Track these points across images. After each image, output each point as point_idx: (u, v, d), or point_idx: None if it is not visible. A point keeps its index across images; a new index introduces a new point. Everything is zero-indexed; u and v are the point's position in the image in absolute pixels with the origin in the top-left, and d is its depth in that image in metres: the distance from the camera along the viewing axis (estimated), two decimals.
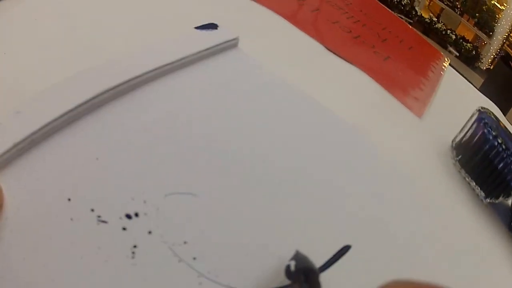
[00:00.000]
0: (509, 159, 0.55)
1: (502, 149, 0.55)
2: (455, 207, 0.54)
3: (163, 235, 0.28)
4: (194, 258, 0.28)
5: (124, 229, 0.27)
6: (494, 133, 0.55)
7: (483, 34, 5.71)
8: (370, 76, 0.64)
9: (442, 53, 0.97)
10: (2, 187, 0.26)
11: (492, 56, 5.49)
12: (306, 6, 0.79)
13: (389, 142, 0.55)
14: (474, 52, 5.21)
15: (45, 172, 0.29)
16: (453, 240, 0.49)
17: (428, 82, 0.74)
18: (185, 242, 0.28)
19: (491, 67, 5.10)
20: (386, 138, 0.55)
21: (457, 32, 5.26)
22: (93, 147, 0.31)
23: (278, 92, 0.49)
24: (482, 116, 0.58)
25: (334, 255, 0.33)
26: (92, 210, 0.27)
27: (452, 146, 0.61)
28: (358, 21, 0.84)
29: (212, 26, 0.50)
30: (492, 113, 0.61)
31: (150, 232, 0.28)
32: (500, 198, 0.57)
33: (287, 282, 0.28)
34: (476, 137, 0.57)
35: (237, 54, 0.50)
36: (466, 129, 0.60)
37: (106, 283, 0.25)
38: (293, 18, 0.69)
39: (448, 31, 5.03)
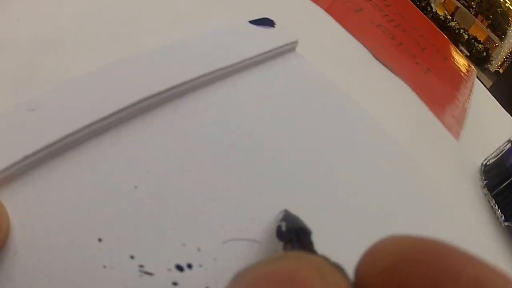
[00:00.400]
0: None
1: None
2: (474, 225, 0.56)
3: None
4: None
5: (175, 284, 0.22)
6: None
7: (495, 36, 5.69)
8: (412, 89, 0.65)
9: (471, 64, 0.98)
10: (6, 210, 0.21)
11: (502, 59, 5.48)
12: (349, 4, 0.79)
13: (427, 163, 0.56)
14: (484, 54, 5.20)
15: (66, 198, 0.23)
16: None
17: (461, 97, 0.75)
18: None
19: (501, 70, 5.09)
20: (422, 156, 0.57)
21: (469, 32, 5.24)
22: (131, 171, 0.25)
23: (340, 105, 0.46)
24: None
25: None
26: (132, 257, 0.22)
27: (481, 169, 0.64)
28: (399, 25, 0.84)
29: (269, 23, 0.45)
30: None
31: None
32: None
33: (279, 243, 0.25)
34: (508, 165, 0.59)
35: (296, 59, 0.46)
36: (498, 155, 0.62)
37: None
38: (338, 16, 0.70)
39: (461, 31, 5.01)
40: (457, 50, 1.02)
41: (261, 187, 0.29)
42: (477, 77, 0.94)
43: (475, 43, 5.14)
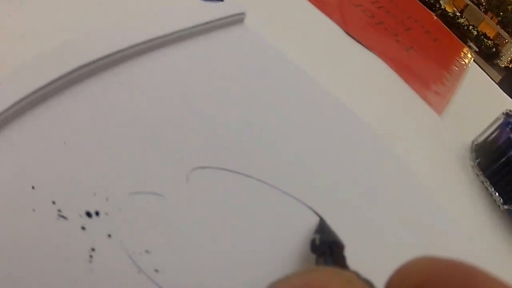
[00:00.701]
0: None
1: None
2: (470, 211, 0.51)
3: (123, 240, 0.24)
4: (156, 271, 0.24)
5: (83, 228, 0.24)
6: None
7: (505, 33, 5.64)
8: (390, 66, 0.60)
9: (468, 49, 0.93)
10: None
11: None
12: None
13: (404, 137, 0.51)
14: (494, 50, 5.14)
15: (11, 155, 0.26)
16: (465, 244, 0.45)
17: (451, 77, 0.70)
18: (146, 251, 0.25)
19: (510, 65, 5.04)
20: (401, 133, 0.52)
21: (479, 29, 5.18)
22: (62, 129, 0.28)
23: (282, 74, 0.45)
24: (510, 120, 0.54)
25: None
26: (54, 202, 0.24)
27: (471, 147, 0.57)
28: (382, 6, 0.79)
29: None
30: None
31: (109, 236, 0.24)
32: None
33: (312, 256, 0.27)
34: (501, 142, 0.53)
35: (241, 30, 0.46)
36: (489, 132, 0.56)
37: (60, 286, 0.22)
38: None
39: (470, 27, 4.95)
40: (452, 33, 0.97)
41: (176, 152, 0.31)
42: (485, 71, 0.93)
43: (484, 39, 5.07)
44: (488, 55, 5.00)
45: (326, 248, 0.27)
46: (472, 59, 0.89)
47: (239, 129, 0.35)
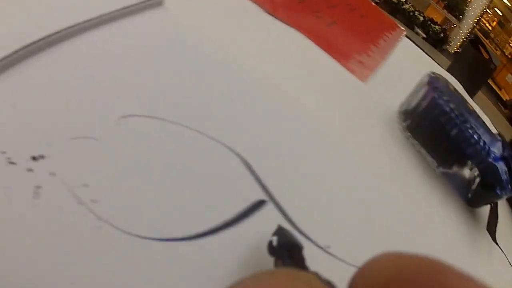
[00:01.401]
0: (463, 126, 0.50)
1: (455, 115, 0.50)
2: (406, 176, 0.50)
3: (64, 177, 0.28)
4: (94, 201, 0.28)
5: (29, 170, 0.27)
6: (445, 98, 0.50)
7: (453, 17, 5.77)
8: (310, 39, 0.59)
9: (398, 25, 0.93)
10: None
11: (461, 40, 5.54)
12: None
13: (327, 106, 0.50)
14: (442, 35, 5.24)
15: None
16: (405, 210, 0.45)
17: (378, 50, 0.69)
18: (85, 185, 0.28)
19: (460, 51, 5.16)
20: (324, 102, 0.50)
21: (425, 14, 5.28)
22: (10, 96, 0.31)
23: (201, 54, 0.45)
24: (432, 80, 0.53)
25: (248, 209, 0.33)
26: (4, 152, 0.28)
27: (399, 111, 0.56)
28: None
29: None
30: (445, 78, 0.56)
31: (53, 174, 0.28)
32: (454, 168, 0.53)
33: (269, 258, 0.28)
34: (426, 102, 0.52)
35: (160, 13, 0.46)
36: (414, 94, 0.55)
37: (9, 221, 0.25)
38: None
39: (416, 12, 5.04)
40: (381, 11, 0.97)
41: (107, 101, 0.35)
42: (433, 58, 0.93)
43: (431, 24, 5.16)
44: (436, 41, 5.09)
45: (284, 250, 0.27)
46: (404, 34, 0.89)
47: (160, 86, 0.39)
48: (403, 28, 0.92)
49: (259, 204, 0.34)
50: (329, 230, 0.36)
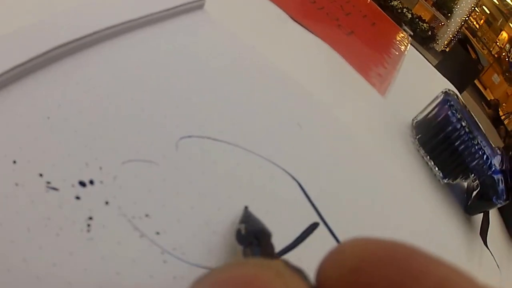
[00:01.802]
0: (470, 142, 0.54)
1: (465, 132, 0.54)
2: (413, 185, 0.53)
3: (122, 206, 0.25)
4: (157, 233, 0.25)
5: (77, 198, 0.24)
6: (458, 116, 0.55)
7: (441, 15, 5.79)
8: (334, 49, 0.62)
9: (401, 30, 0.96)
10: None
11: (448, 38, 5.58)
12: None
13: (350, 116, 0.53)
14: (430, 33, 5.26)
15: None
16: (408, 217, 0.48)
17: (391, 60, 0.73)
18: (146, 215, 0.26)
19: (447, 49, 5.18)
20: (347, 112, 0.54)
21: (413, 12, 5.29)
22: (43, 105, 0.28)
23: (247, 61, 0.47)
24: (448, 98, 0.57)
25: (303, 233, 0.33)
26: (41, 175, 0.24)
27: (412, 125, 0.60)
28: None
29: None
30: (458, 96, 0.60)
31: (107, 203, 0.25)
32: (458, 180, 0.57)
33: (238, 246, 0.26)
34: (440, 118, 0.56)
35: (202, 17, 0.47)
36: (429, 109, 0.59)
37: (58, 259, 0.22)
38: None
39: (404, 10, 5.05)
40: (387, 17, 1.00)
41: (156, 125, 0.32)
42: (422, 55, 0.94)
43: (420, 22, 5.19)
44: (423, 39, 5.12)
45: (253, 238, 0.26)
46: (409, 43, 0.92)
47: (214, 103, 0.38)
48: (404, 34, 0.95)
49: (313, 226, 0.34)
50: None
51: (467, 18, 5.97)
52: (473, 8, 6.07)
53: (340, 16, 0.75)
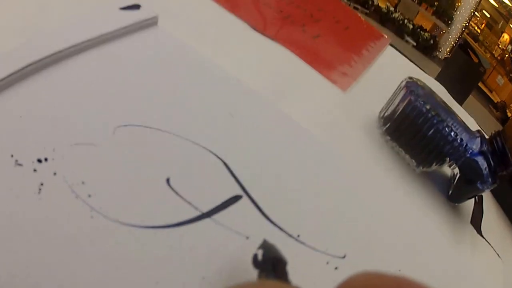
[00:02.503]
0: (440, 125, 0.53)
1: (431, 115, 0.53)
2: (385, 176, 0.53)
3: (65, 176, 0.33)
4: (89, 196, 0.33)
5: (35, 170, 0.32)
6: (421, 100, 0.54)
7: (442, 23, 5.80)
8: (294, 53, 0.63)
9: (383, 34, 0.96)
10: None
11: (450, 45, 5.58)
12: None
13: (307, 114, 0.53)
14: (432, 42, 5.27)
15: None
16: (386, 212, 0.48)
17: (361, 60, 0.73)
18: (82, 182, 0.33)
19: (450, 56, 5.17)
20: (304, 110, 0.54)
21: (414, 22, 5.31)
22: (17, 108, 0.36)
23: (201, 71, 0.49)
24: (409, 84, 0.57)
25: (224, 202, 0.37)
26: (12, 155, 0.33)
27: (379, 117, 0.60)
28: (292, 2, 0.82)
29: (135, 7, 0.51)
30: (422, 82, 0.60)
31: (55, 174, 0.33)
32: (434, 166, 0.56)
33: (254, 271, 0.29)
34: (403, 105, 0.55)
35: (156, 32, 0.51)
36: (393, 99, 0.58)
37: (16, 214, 0.30)
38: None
39: (406, 21, 5.08)
40: (366, 22, 1.00)
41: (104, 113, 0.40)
42: (420, 67, 0.95)
43: (421, 32, 5.20)
44: (426, 48, 5.12)
45: (269, 264, 0.29)
46: (388, 42, 0.93)
47: (153, 98, 0.44)
48: (386, 37, 0.95)
49: (235, 199, 0.38)
50: (299, 221, 0.40)
51: (467, 24, 5.97)
52: (473, 13, 6.08)
53: (307, 22, 0.75)
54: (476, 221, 0.59)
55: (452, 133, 0.53)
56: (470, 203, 0.61)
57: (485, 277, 0.51)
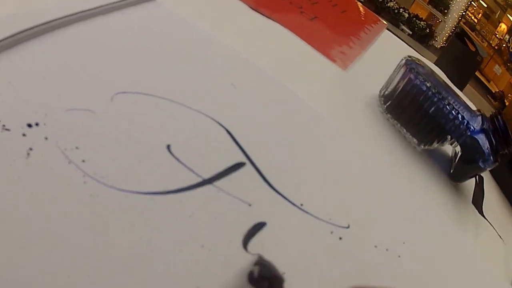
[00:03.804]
0: (441, 103, 0.53)
1: (432, 93, 0.53)
2: (386, 153, 0.53)
3: (58, 141, 0.31)
4: (83, 161, 0.31)
5: (24, 135, 0.31)
6: (421, 78, 0.54)
7: (438, 12, 5.80)
8: (293, 32, 0.62)
9: (380, 18, 0.96)
10: None
11: (447, 34, 5.58)
12: None
13: (308, 90, 0.53)
14: (427, 30, 5.27)
15: None
16: (388, 187, 0.47)
17: (359, 41, 0.72)
18: (77, 147, 0.32)
19: (446, 45, 5.18)
20: (304, 86, 0.53)
21: (410, 11, 5.31)
22: (8, 74, 0.35)
23: (201, 43, 0.49)
24: (408, 62, 0.56)
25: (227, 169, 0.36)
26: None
27: (379, 95, 0.59)
28: None
29: None
30: (421, 61, 0.59)
31: (46, 138, 0.31)
32: (435, 144, 0.55)
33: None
34: (404, 83, 0.55)
35: (154, 7, 0.49)
36: (393, 77, 0.58)
37: (2, 180, 0.28)
38: None
39: (401, 10, 5.07)
40: (363, 6, 1.00)
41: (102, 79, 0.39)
42: (420, 53, 0.95)
43: (417, 20, 5.19)
44: (422, 37, 5.13)
45: (266, 282, 0.28)
46: (385, 26, 0.92)
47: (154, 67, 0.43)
48: (385, 22, 0.95)
49: (238, 165, 0.37)
50: (302, 190, 0.40)
51: (464, 13, 5.98)
52: (469, 3, 6.08)
53: (304, 4, 0.75)
54: (477, 201, 0.59)
55: (454, 111, 0.53)
56: (471, 184, 0.60)
57: (486, 257, 0.50)
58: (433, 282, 0.41)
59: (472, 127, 0.53)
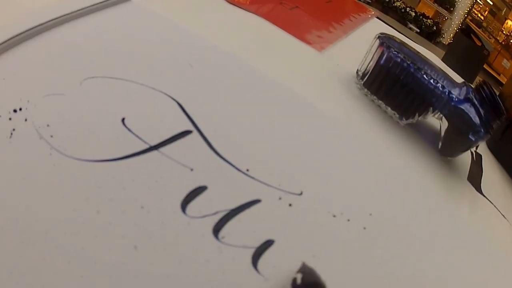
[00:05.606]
0: (418, 73, 0.52)
1: (407, 64, 0.52)
2: (368, 130, 0.52)
3: (34, 121, 0.37)
4: (51, 136, 0.37)
5: (10, 119, 0.37)
6: (395, 50, 0.53)
7: (444, 10, 5.79)
8: (270, 22, 0.62)
9: (369, 8, 0.96)
10: None
11: (454, 31, 5.56)
12: None
13: (281, 72, 0.53)
14: (435, 28, 5.26)
15: None
16: (367, 161, 0.47)
17: (341, 27, 0.73)
18: (48, 125, 0.37)
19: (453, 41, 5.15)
20: (278, 69, 0.53)
21: (417, 10, 5.31)
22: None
23: (162, 29, 0.50)
24: (381, 37, 0.56)
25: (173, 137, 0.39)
26: None
27: (356, 73, 0.59)
28: None
29: None
30: (395, 36, 0.59)
31: (26, 120, 0.37)
32: (418, 117, 0.54)
33: None
34: (377, 57, 0.55)
35: (129, 7, 0.51)
36: (368, 54, 0.58)
37: None
38: None
39: (408, 9, 5.08)
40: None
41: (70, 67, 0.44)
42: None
43: (424, 19, 5.19)
44: (429, 34, 5.12)
45: None
46: (375, 15, 0.92)
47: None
48: (372, 11, 0.95)
49: (184, 133, 0.40)
50: (249, 156, 0.41)
51: (470, 10, 5.95)
52: (475, 0, 6.06)
53: None
54: (475, 178, 0.57)
55: (432, 80, 0.52)
56: (467, 160, 0.59)
57: (485, 235, 0.49)
58: (415, 258, 0.41)
59: (454, 97, 0.52)
